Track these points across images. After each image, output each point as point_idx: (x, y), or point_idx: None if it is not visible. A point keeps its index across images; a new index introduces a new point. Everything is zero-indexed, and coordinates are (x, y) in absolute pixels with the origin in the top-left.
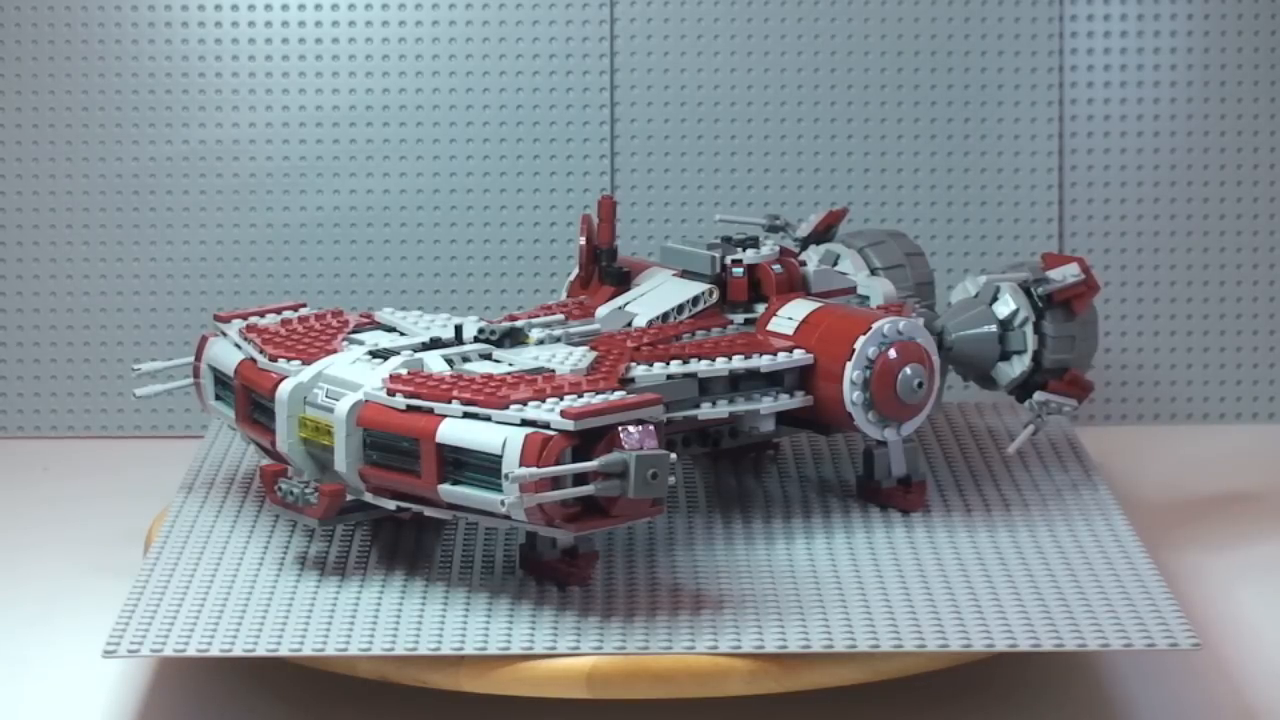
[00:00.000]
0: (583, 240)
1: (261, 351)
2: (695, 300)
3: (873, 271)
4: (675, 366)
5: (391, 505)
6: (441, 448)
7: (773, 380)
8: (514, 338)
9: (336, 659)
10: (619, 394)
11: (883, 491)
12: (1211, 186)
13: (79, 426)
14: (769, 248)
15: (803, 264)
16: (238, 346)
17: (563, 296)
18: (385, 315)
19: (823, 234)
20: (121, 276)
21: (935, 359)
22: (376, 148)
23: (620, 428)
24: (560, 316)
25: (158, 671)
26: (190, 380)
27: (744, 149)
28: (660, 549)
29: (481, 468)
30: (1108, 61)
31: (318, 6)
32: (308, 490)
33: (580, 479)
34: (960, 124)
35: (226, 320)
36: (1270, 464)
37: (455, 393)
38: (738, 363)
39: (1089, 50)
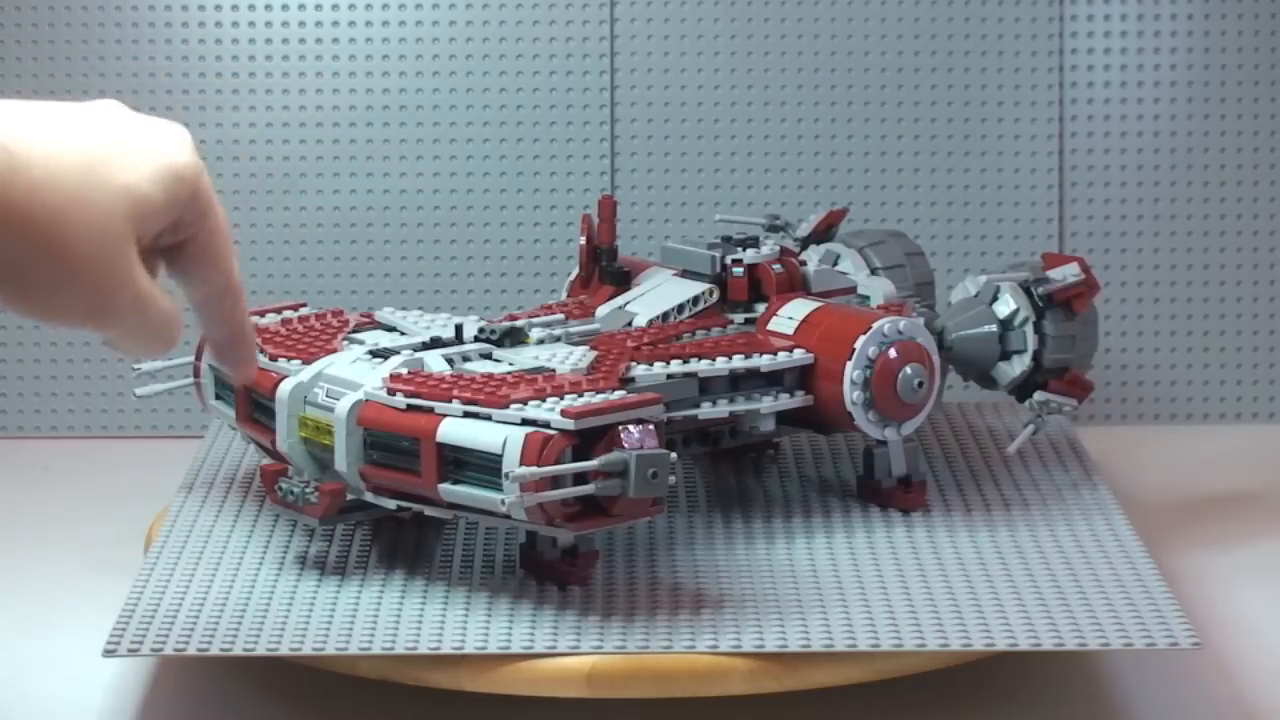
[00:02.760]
0: (583, 240)
1: (262, 351)
2: (695, 300)
3: (873, 271)
4: (675, 366)
5: (392, 505)
6: (442, 447)
7: (773, 380)
8: (514, 337)
9: (336, 659)
10: (619, 393)
11: (883, 491)
12: (1211, 186)
13: (79, 426)
14: (769, 248)
15: (803, 264)
16: None
17: (563, 296)
18: (385, 315)
19: (823, 234)
20: None
21: (935, 359)
22: (376, 148)
23: (620, 427)
24: (560, 316)
25: (158, 671)
26: (190, 380)
27: (744, 149)
28: (660, 549)
29: (482, 467)
30: (1108, 61)
31: (318, 6)
32: (308, 490)
33: (580, 478)
34: (960, 124)
35: None
36: (1270, 464)
37: (455, 392)
38: (738, 362)
39: (1089, 50)
